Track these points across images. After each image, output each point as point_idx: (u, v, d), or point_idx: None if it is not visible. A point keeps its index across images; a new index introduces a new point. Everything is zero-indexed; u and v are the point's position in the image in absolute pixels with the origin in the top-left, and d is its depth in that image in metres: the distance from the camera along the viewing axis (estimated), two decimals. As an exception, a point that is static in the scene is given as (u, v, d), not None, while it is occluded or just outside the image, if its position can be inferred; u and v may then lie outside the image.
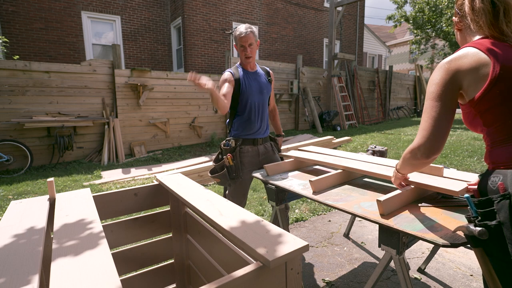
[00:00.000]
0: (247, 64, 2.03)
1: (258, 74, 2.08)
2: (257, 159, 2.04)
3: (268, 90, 2.10)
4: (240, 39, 1.94)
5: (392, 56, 25.29)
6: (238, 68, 2.05)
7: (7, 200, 3.56)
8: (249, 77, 2.02)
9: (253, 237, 0.84)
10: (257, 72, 2.09)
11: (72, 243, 0.83)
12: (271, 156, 2.11)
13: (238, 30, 1.95)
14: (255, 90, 2.02)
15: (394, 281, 1.92)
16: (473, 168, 4.37)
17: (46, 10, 7.88)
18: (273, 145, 2.16)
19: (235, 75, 1.99)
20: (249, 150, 2.02)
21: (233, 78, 1.96)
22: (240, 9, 9.78)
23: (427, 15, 10.77)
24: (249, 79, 2.02)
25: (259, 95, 2.04)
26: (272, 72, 2.21)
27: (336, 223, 2.85)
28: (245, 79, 2.01)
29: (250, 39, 1.93)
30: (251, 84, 2.02)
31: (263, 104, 2.07)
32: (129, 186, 4.08)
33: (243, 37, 1.93)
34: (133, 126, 6.10)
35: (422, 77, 13.43)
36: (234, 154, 1.96)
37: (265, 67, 2.20)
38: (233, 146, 1.97)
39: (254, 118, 2.02)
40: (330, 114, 9.02)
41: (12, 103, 5.02)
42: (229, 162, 1.93)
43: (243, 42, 1.94)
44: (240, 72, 2.02)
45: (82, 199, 1.22)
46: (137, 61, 9.18)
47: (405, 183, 1.28)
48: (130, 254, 1.41)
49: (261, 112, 2.06)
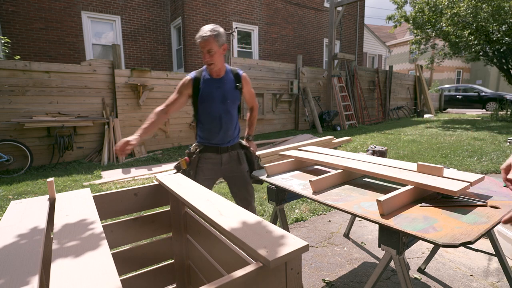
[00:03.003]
0: (214, 71, 1.83)
1: (224, 81, 1.87)
2: (218, 167, 1.91)
3: (235, 98, 1.90)
4: (200, 44, 1.73)
5: (392, 56, 25.28)
6: (204, 72, 1.87)
7: (7, 200, 3.56)
8: (211, 85, 1.84)
9: (253, 237, 0.84)
10: (223, 79, 1.87)
11: (72, 243, 0.83)
12: (235, 167, 1.95)
13: (199, 32, 1.73)
14: (216, 99, 1.84)
15: (394, 281, 1.92)
16: (473, 168, 4.37)
17: (46, 10, 7.88)
18: (240, 154, 1.97)
19: (196, 80, 1.84)
20: (211, 157, 1.90)
21: (191, 84, 1.83)
22: (240, 9, 9.78)
23: (427, 15, 10.76)
24: (211, 87, 1.84)
25: (220, 105, 1.85)
26: (245, 76, 1.97)
27: (336, 223, 2.85)
28: (206, 87, 1.84)
29: (209, 44, 1.70)
30: (212, 93, 1.83)
31: (226, 113, 1.87)
32: (129, 186, 4.08)
33: (201, 42, 1.71)
34: (133, 126, 6.10)
35: (422, 77, 13.43)
36: (192, 160, 1.87)
37: (238, 70, 1.95)
38: (192, 151, 1.89)
39: (214, 128, 1.87)
40: (330, 114, 9.02)
41: (12, 103, 5.02)
42: (184, 166, 1.85)
43: (201, 46, 1.73)
44: (204, 77, 1.85)
45: (82, 199, 1.22)
46: (137, 61, 9.18)
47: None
48: (130, 254, 1.41)
49: (224, 123, 1.87)
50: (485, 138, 6.67)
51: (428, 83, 21.91)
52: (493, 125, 8.79)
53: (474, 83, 23.99)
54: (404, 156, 5.32)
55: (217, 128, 1.87)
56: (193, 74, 1.88)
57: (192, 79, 1.85)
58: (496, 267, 2.04)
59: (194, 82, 1.85)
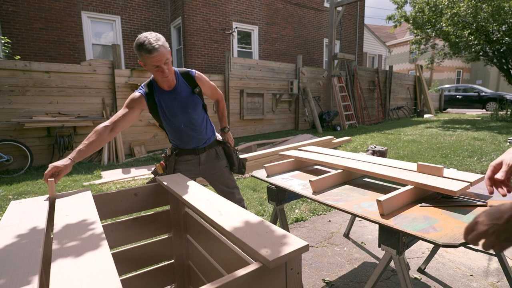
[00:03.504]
0: (164, 84, 1.66)
1: (178, 91, 1.70)
2: (197, 167, 1.87)
3: (196, 103, 1.76)
4: (150, 59, 1.49)
5: (392, 56, 25.28)
6: (153, 85, 1.69)
7: (7, 200, 3.56)
8: (166, 98, 1.69)
9: (253, 237, 0.84)
10: (177, 89, 1.70)
11: (72, 243, 0.83)
12: (214, 163, 1.91)
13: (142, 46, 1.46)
14: (177, 111, 1.71)
15: (394, 281, 1.92)
16: (473, 168, 4.37)
17: (46, 10, 7.88)
18: (218, 151, 1.93)
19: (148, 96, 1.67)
20: (188, 158, 1.84)
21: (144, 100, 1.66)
22: (240, 9, 9.78)
23: (427, 15, 10.76)
24: (167, 100, 1.69)
25: (183, 115, 1.73)
26: (198, 75, 1.78)
27: (336, 223, 2.85)
28: (161, 102, 1.69)
29: (163, 55, 1.51)
30: (171, 106, 1.70)
31: (190, 123, 1.77)
32: (129, 186, 4.08)
33: (154, 56, 1.48)
34: (133, 126, 6.10)
35: (422, 77, 13.43)
36: (168, 163, 1.81)
37: (188, 71, 1.76)
38: (168, 154, 1.83)
39: (184, 138, 1.79)
40: (330, 114, 9.02)
41: (12, 103, 5.02)
42: (160, 171, 1.80)
43: (156, 61, 1.50)
44: (156, 92, 1.68)
45: (82, 199, 1.22)
46: (137, 61, 9.18)
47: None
48: (130, 254, 1.41)
49: (191, 130, 1.79)
50: (485, 138, 6.67)
51: (428, 83, 21.91)
52: (493, 125, 8.79)
53: (474, 83, 24.00)
54: (404, 156, 5.32)
55: (187, 137, 1.80)
56: (141, 90, 1.67)
57: (144, 96, 1.66)
58: (496, 267, 2.04)
59: (147, 98, 1.67)
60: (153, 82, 1.70)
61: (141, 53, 1.49)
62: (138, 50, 1.50)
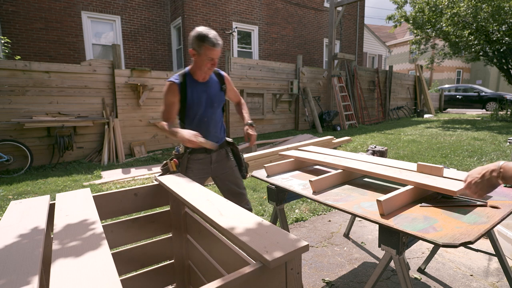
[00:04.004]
0: (202, 75, 1.78)
1: (209, 84, 1.84)
2: (209, 166, 1.91)
3: (220, 100, 1.90)
4: (210, 52, 1.65)
5: (392, 56, 25.29)
6: (187, 77, 1.79)
7: (7, 200, 3.56)
8: (198, 89, 1.79)
9: (253, 237, 0.84)
10: (209, 83, 1.84)
11: (72, 243, 0.83)
12: (225, 163, 1.96)
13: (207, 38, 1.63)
14: (204, 104, 1.81)
15: (394, 281, 1.92)
16: (473, 168, 4.37)
17: (46, 10, 7.89)
18: (228, 151, 1.99)
19: (182, 86, 1.76)
20: (200, 157, 1.87)
21: (178, 89, 1.75)
22: (240, 9, 9.78)
23: (427, 15, 10.76)
24: (198, 91, 1.79)
25: (209, 109, 1.83)
26: (227, 76, 1.95)
27: (336, 223, 2.85)
28: (193, 92, 1.79)
29: (220, 52, 1.69)
30: (200, 97, 1.80)
31: (212, 117, 1.87)
32: (129, 186, 4.08)
33: (215, 50, 1.66)
34: (133, 126, 6.10)
35: (422, 77, 13.43)
36: (181, 161, 1.84)
37: (219, 70, 1.94)
38: (181, 152, 1.85)
39: (204, 132, 1.81)
40: (330, 114, 9.02)
41: (12, 103, 5.02)
42: (173, 168, 1.81)
43: (213, 55, 1.67)
44: (188, 82, 1.78)
45: (82, 199, 1.22)
46: (137, 61, 9.18)
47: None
48: (130, 254, 1.41)
49: (212, 125, 1.87)
50: (485, 138, 6.67)
51: (428, 83, 21.91)
52: (493, 125, 8.79)
53: (474, 83, 23.99)
54: (404, 156, 5.32)
55: (205, 132, 1.83)
56: (176, 78, 1.77)
57: (178, 85, 1.76)
58: (496, 267, 2.04)
59: (180, 87, 1.76)
60: (188, 73, 1.80)
61: (204, 44, 1.64)
62: (200, 40, 1.64)
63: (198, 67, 1.75)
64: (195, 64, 1.75)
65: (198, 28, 1.67)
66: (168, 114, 1.77)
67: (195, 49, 1.67)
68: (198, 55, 1.68)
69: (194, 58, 1.71)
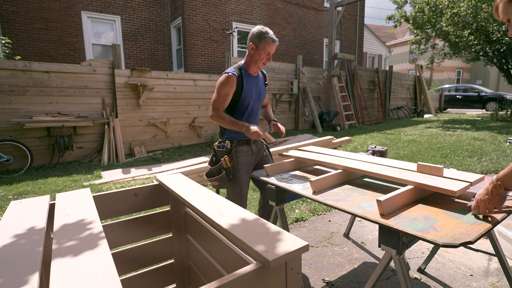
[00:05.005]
0: (254, 69, 1.96)
1: (258, 78, 2.03)
2: (251, 158, 2.03)
3: (264, 94, 2.09)
4: (269, 46, 1.84)
5: (392, 56, 25.29)
6: (242, 70, 1.95)
7: (7, 200, 3.56)
8: (251, 82, 1.96)
9: (253, 237, 0.84)
10: (258, 77, 2.04)
11: (72, 243, 0.83)
12: (262, 154, 2.12)
13: (268, 35, 1.83)
14: (254, 96, 1.98)
15: (394, 281, 1.92)
16: (473, 168, 4.37)
17: (46, 10, 7.88)
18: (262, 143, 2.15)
19: (239, 78, 1.90)
20: (244, 150, 1.99)
21: (235, 81, 1.88)
22: (240, 9, 9.78)
23: (427, 15, 10.75)
24: (251, 84, 1.96)
25: (257, 101, 2.02)
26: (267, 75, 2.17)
27: (336, 223, 2.85)
28: (247, 84, 1.94)
29: (275, 47, 1.88)
30: (252, 89, 1.97)
31: (258, 109, 2.06)
32: (129, 186, 4.08)
33: (273, 46, 1.85)
34: (133, 126, 6.10)
35: (422, 77, 13.43)
36: (231, 156, 1.93)
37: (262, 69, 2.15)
38: (229, 147, 1.94)
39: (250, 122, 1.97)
40: (330, 114, 9.02)
41: (12, 103, 5.02)
42: (227, 164, 1.90)
43: (271, 49, 1.86)
44: (244, 75, 1.93)
45: (82, 199, 1.22)
46: (137, 61, 9.18)
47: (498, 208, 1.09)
48: (130, 254, 1.41)
49: (256, 117, 2.05)
50: (485, 138, 6.67)
51: (428, 83, 21.91)
52: (493, 125, 8.79)
53: (474, 83, 23.99)
54: (404, 156, 5.32)
55: (252, 122, 1.99)
56: (234, 71, 1.91)
57: (236, 77, 1.89)
58: (496, 267, 2.04)
59: (237, 79, 1.90)
60: (242, 66, 1.96)
61: (264, 39, 1.82)
62: (261, 36, 1.82)
63: (254, 61, 1.91)
64: (252, 58, 1.91)
65: (259, 26, 1.87)
66: (221, 104, 1.89)
67: (255, 43, 1.85)
68: (256, 49, 1.86)
69: (253, 52, 1.87)
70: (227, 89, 1.87)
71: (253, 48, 1.87)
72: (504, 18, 1.06)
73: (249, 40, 1.88)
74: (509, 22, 1.05)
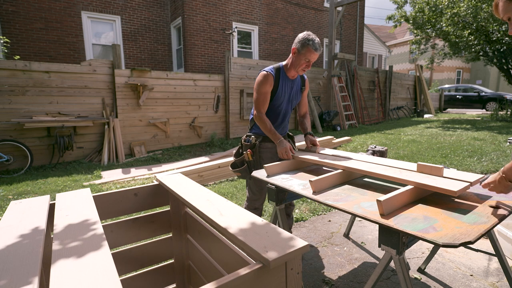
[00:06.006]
0: (293, 73, 1.99)
1: (295, 82, 2.07)
2: (275, 155, 2.06)
3: (298, 99, 2.13)
4: (310, 54, 1.85)
5: (392, 56, 25.29)
6: (281, 71, 1.99)
7: (7, 200, 3.56)
8: (287, 85, 2.01)
9: (253, 237, 0.84)
10: (295, 81, 2.07)
11: (72, 243, 0.83)
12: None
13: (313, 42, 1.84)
14: (286, 99, 2.03)
15: (394, 281, 1.92)
16: (473, 168, 4.37)
17: (46, 10, 7.88)
18: (290, 142, 2.17)
19: (276, 79, 1.95)
20: (269, 146, 2.04)
21: (273, 80, 1.94)
22: (240, 9, 9.78)
23: (427, 15, 10.75)
24: (286, 87, 2.01)
25: (287, 104, 2.06)
26: (307, 80, 2.18)
27: (336, 223, 2.85)
28: (283, 85, 1.99)
29: (317, 56, 1.90)
30: (286, 92, 2.01)
31: (288, 112, 2.11)
32: (129, 186, 4.08)
33: (316, 54, 1.87)
34: (133, 126, 6.10)
35: (422, 77, 13.42)
36: (254, 150, 2.00)
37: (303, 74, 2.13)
38: (253, 142, 2.01)
39: (278, 122, 2.06)
40: (330, 114, 9.02)
41: (12, 103, 5.02)
42: (249, 158, 1.98)
43: (313, 58, 1.88)
44: (281, 76, 1.98)
45: (82, 199, 1.22)
46: (137, 61, 9.18)
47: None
48: (130, 254, 1.41)
49: (286, 119, 2.12)
50: (485, 138, 6.67)
51: (428, 83, 21.91)
52: (493, 125, 8.79)
53: (474, 83, 23.99)
54: (404, 156, 5.32)
55: (278, 123, 2.07)
56: (272, 70, 1.95)
57: (274, 77, 1.93)
58: (496, 267, 2.04)
59: (275, 79, 1.94)
60: (282, 68, 2.00)
61: (307, 47, 1.84)
62: (305, 42, 1.84)
63: (294, 65, 1.93)
64: (292, 62, 1.94)
65: (305, 32, 1.89)
66: (263, 103, 1.95)
67: (297, 48, 1.87)
68: (298, 54, 1.88)
69: (294, 56, 1.90)
70: (267, 87, 1.92)
71: (295, 53, 1.90)
72: (504, 17, 1.05)
73: (294, 44, 1.91)
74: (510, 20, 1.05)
